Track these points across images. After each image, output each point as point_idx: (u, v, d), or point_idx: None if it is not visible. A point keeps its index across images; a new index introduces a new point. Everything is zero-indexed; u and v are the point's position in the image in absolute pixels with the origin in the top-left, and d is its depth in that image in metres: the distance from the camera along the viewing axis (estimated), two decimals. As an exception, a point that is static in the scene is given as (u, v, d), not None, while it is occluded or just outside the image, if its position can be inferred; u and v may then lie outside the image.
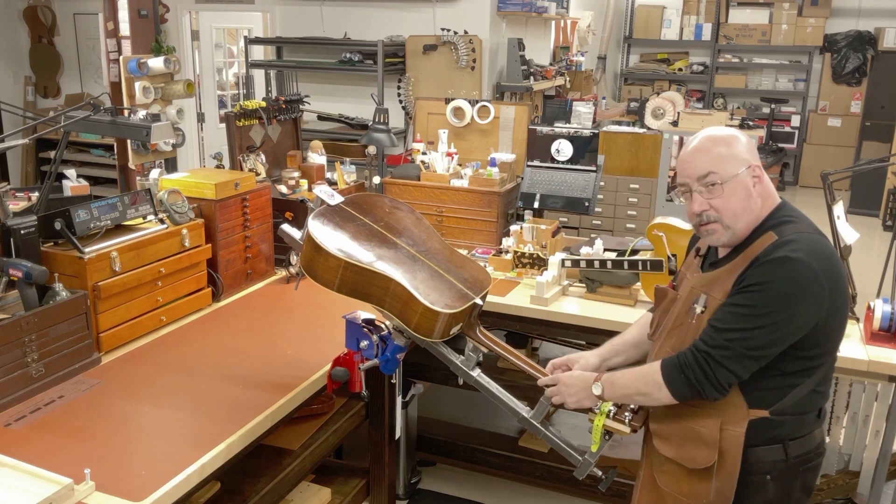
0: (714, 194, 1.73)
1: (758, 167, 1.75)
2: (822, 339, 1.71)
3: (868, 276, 4.10)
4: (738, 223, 1.73)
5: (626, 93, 10.06)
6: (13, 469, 1.71)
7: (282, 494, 2.45)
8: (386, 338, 2.13)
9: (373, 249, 2.04)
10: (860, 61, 9.44)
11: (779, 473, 1.77)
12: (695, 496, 1.80)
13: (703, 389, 1.70)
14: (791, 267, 1.63)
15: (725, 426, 1.75)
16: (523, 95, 5.67)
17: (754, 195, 1.73)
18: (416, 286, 1.95)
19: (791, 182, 9.91)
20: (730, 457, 1.74)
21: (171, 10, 6.01)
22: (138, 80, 3.88)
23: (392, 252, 2.07)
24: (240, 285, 2.97)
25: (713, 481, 1.76)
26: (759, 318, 1.64)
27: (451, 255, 2.18)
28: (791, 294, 1.63)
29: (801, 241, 1.66)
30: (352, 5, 5.69)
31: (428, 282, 2.01)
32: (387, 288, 1.97)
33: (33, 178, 7.03)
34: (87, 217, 2.39)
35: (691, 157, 1.77)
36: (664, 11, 10.20)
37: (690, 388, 1.71)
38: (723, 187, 1.71)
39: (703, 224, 1.77)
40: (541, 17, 6.06)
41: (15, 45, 7.06)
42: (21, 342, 2.05)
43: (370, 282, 1.98)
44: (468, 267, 2.16)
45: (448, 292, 2.01)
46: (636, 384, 1.81)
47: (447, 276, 2.08)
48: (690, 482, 1.81)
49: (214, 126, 6.52)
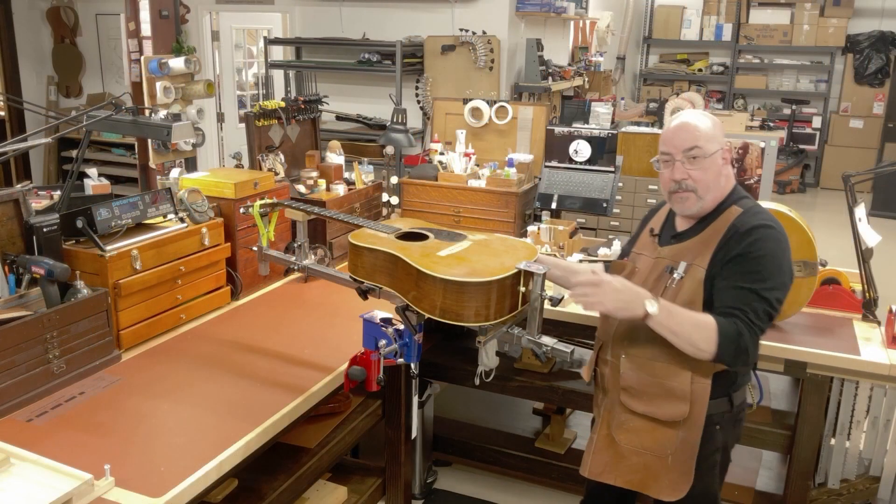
0: (695, 166, 1.94)
1: (727, 151, 1.98)
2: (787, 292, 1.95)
3: (890, 279, 4.05)
4: (708, 195, 1.96)
5: (646, 93, 10.00)
6: (34, 464, 1.73)
7: (298, 492, 2.46)
8: (403, 332, 2.14)
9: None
10: (883, 62, 9.33)
11: (725, 423, 2.03)
12: (659, 448, 1.99)
13: (749, 354, 1.85)
14: (773, 234, 1.90)
15: (695, 380, 1.94)
16: (541, 96, 5.65)
17: (722, 174, 1.97)
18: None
19: (812, 184, 9.81)
20: (697, 406, 1.95)
21: (192, 10, 6.05)
22: (159, 80, 3.92)
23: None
24: (258, 284, 2.99)
25: (679, 430, 1.97)
26: (773, 278, 1.87)
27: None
28: (786, 255, 1.91)
29: (763, 212, 1.96)
30: (370, 6, 5.70)
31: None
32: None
33: (55, 177, 7.12)
34: (108, 215, 2.42)
35: (679, 131, 1.97)
36: (684, 11, 10.13)
37: (737, 354, 1.85)
38: (703, 161, 1.93)
39: (679, 191, 1.97)
40: (559, 17, 6.04)
41: (38, 45, 7.15)
42: (43, 339, 2.08)
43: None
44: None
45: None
46: (691, 329, 1.86)
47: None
48: (655, 435, 1.99)
49: (234, 126, 6.56)
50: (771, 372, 2.76)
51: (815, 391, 2.59)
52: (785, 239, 1.92)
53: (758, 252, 1.87)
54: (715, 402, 1.97)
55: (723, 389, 1.99)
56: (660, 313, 1.85)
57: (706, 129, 1.94)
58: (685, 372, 1.94)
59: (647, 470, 2.01)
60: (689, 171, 1.94)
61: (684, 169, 1.95)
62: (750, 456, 3.24)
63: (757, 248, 1.87)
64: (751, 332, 1.84)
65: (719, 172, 1.96)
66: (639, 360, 2.01)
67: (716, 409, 1.98)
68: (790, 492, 2.71)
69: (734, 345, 1.83)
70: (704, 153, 1.93)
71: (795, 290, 2.63)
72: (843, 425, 2.62)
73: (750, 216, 1.93)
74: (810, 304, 2.76)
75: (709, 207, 1.98)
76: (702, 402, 1.95)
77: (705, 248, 1.94)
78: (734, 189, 2.01)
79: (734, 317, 1.85)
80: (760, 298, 1.85)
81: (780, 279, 1.88)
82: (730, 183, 2.01)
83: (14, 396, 2.01)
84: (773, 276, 1.87)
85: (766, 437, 2.75)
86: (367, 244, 2.08)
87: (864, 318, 2.79)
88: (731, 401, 2.01)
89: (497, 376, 2.21)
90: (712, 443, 2.01)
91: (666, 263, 2.00)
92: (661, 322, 1.86)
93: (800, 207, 7.02)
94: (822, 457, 2.68)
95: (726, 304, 1.88)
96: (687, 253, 1.97)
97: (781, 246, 1.90)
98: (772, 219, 1.94)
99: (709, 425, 1.98)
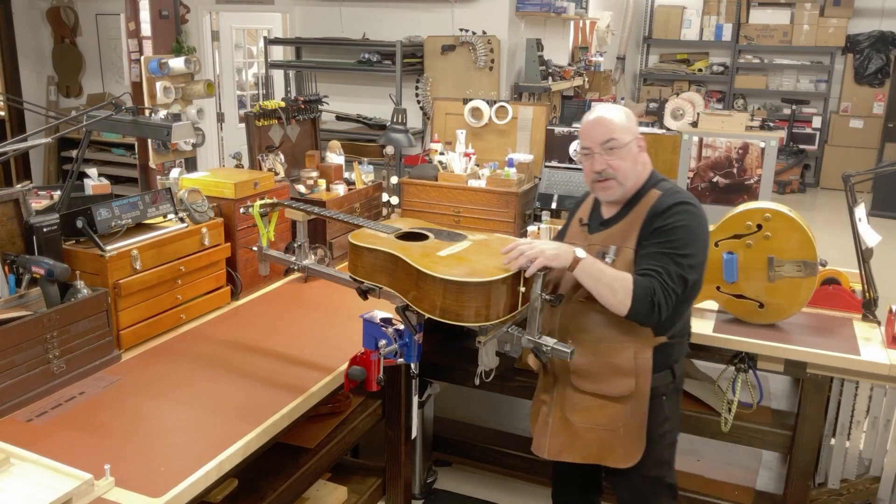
0: (613, 156, 2.10)
1: (641, 139, 2.14)
2: (705, 266, 2.11)
3: (890, 279, 4.05)
4: (628, 181, 2.12)
5: (646, 93, 10.00)
6: (34, 464, 1.72)
7: (298, 492, 2.46)
8: (403, 332, 2.14)
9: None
10: (883, 62, 9.32)
11: (670, 393, 2.18)
12: (611, 423, 2.13)
13: (661, 312, 1.99)
14: (692, 209, 2.06)
15: (638, 355, 2.10)
16: (541, 96, 5.65)
17: (638, 161, 2.14)
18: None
19: (812, 184, 9.81)
20: (642, 379, 2.11)
21: (192, 10, 6.05)
22: (159, 80, 3.92)
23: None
24: (258, 284, 2.99)
25: (628, 404, 2.12)
26: (690, 246, 2.03)
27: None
28: (703, 227, 2.07)
29: (681, 192, 2.12)
30: (370, 6, 5.70)
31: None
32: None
33: (55, 177, 7.12)
34: (108, 215, 2.42)
35: (595, 125, 2.13)
36: (684, 12, 10.13)
37: (650, 311, 1.99)
38: (619, 151, 2.10)
39: (601, 181, 2.13)
40: (559, 17, 6.04)
41: (38, 45, 7.15)
42: (43, 339, 2.08)
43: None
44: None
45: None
46: (611, 279, 2.01)
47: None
48: (605, 411, 2.13)
49: (234, 126, 6.56)
50: (771, 372, 2.76)
51: (815, 391, 2.59)
52: (702, 215, 2.09)
53: (674, 224, 2.04)
54: (659, 374, 2.13)
55: (664, 363, 2.15)
56: (586, 259, 2.00)
57: (620, 121, 2.11)
58: (628, 349, 2.10)
59: (602, 444, 2.16)
60: (609, 161, 2.11)
61: (603, 160, 2.11)
62: (750, 456, 3.24)
63: (673, 221, 2.04)
64: (664, 290, 1.99)
65: (635, 160, 2.13)
66: (585, 344, 2.12)
67: (660, 381, 2.14)
68: (790, 492, 2.71)
69: (648, 299, 1.98)
70: (620, 143, 2.10)
71: (795, 289, 2.64)
72: (843, 425, 2.62)
73: (668, 196, 2.09)
74: (810, 304, 2.77)
75: (630, 193, 2.14)
76: (646, 375, 2.11)
77: (631, 230, 2.10)
78: (652, 174, 2.18)
79: (650, 276, 2.00)
80: (675, 262, 2.01)
81: (694, 248, 2.04)
82: (647, 169, 2.17)
83: (14, 396, 2.01)
84: (688, 244, 2.03)
85: (766, 437, 2.76)
86: (367, 244, 2.08)
87: (864, 318, 2.79)
88: (673, 372, 2.17)
89: (497, 376, 2.21)
90: (661, 413, 2.17)
91: (597, 249, 2.13)
92: (586, 269, 1.99)
93: (800, 207, 7.01)
94: (822, 457, 2.68)
95: (643, 267, 2.04)
96: (615, 237, 2.13)
97: (698, 220, 2.07)
98: (690, 197, 2.11)
99: (655, 397, 2.14)
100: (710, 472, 3.16)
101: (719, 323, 2.73)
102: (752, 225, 2.65)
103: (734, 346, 2.65)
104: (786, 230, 2.61)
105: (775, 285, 2.65)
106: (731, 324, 2.73)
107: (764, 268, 2.65)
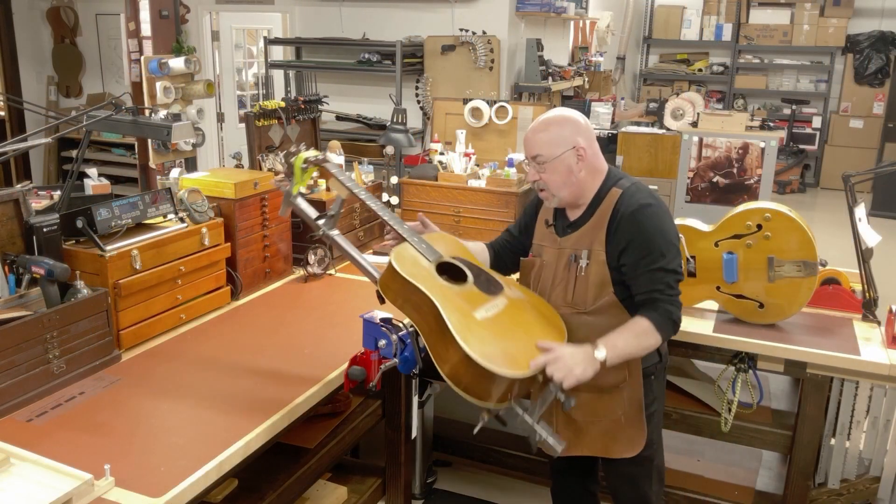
0: (542, 170, 2.14)
1: (583, 148, 2.11)
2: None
3: (890, 279, 4.05)
4: (562, 192, 2.14)
5: (646, 93, 10.00)
6: (34, 464, 1.73)
7: (298, 492, 2.46)
8: (405, 338, 2.13)
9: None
10: (883, 62, 9.33)
11: (657, 373, 2.24)
12: (611, 412, 2.18)
13: (678, 322, 2.07)
14: (654, 210, 2.08)
15: None
16: (541, 96, 5.66)
17: (576, 171, 2.12)
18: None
19: (812, 184, 9.82)
20: (635, 367, 2.15)
21: (192, 10, 6.05)
22: (159, 80, 3.92)
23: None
24: (258, 284, 2.99)
25: (624, 391, 2.16)
26: (667, 251, 2.05)
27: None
28: (668, 226, 2.10)
29: (640, 190, 2.13)
30: (370, 6, 5.70)
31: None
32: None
33: (55, 177, 7.12)
34: (108, 215, 2.42)
35: (527, 139, 2.17)
36: (684, 12, 10.13)
37: (674, 327, 2.07)
38: (545, 166, 2.12)
39: (540, 190, 2.20)
40: (559, 17, 6.04)
41: (38, 45, 7.15)
42: (43, 339, 2.08)
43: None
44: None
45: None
46: (636, 342, 2.05)
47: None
48: (603, 401, 2.17)
49: (234, 126, 6.56)
50: (771, 372, 2.76)
51: (815, 391, 2.59)
52: (664, 209, 2.12)
53: (648, 233, 2.06)
54: (647, 356, 2.16)
55: None
56: (608, 354, 1.99)
57: (546, 137, 2.12)
58: None
59: (607, 434, 2.21)
60: (539, 174, 2.15)
61: (535, 172, 2.16)
62: (750, 456, 3.24)
63: (645, 229, 2.06)
64: (672, 304, 2.06)
65: (570, 171, 2.12)
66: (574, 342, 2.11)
67: (648, 362, 2.19)
68: (790, 492, 2.71)
69: (670, 324, 2.05)
70: (546, 159, 2.12)
71: (795, 289, 2.64)
72: (843, 425, 2.62)
73: (629, 196, 2.10)
74: (810, 304, 2.77)
75: (567, 200, 2.17)
76: (636, 361, 2.15)
77: (598, 231, 2.12)
78: (609, 173, 2.18)
79: (655, 300, 2.05)
80: (667, 272, 2.05)
81: (671, 246, 2.08)
82: (597, 175, 2.17)
83: (14, 396, 2.01)
84: (667, 247, 2.06)
85: (766, 437, 2.76)
86: (409, 275, 1.96)
87: (864, 318, 2.79)
88: (659, 352, 2.22)
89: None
90: (651, 394, 2.22)
91: (569, 253, 2.17)
92: (614, 359, 2.00)
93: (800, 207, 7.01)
94: (822, 457, 2.69)
95: (643, 290, 2.07)
96: (584, 239, 2.15)
97: (663, 218, 2.10)
98: (649, 195, 2.13)
99: (645, 377, 2.19)
100: (710, 472, 3.16)
101: (719, 323, 2.73)
102: (752, 225, 2.65)
103: (734, 346, 2.65)
104: (786, 230, 2.61)
105: (775, 285, 2.65)
106: (731, 324, 2.73)
107: (764, 268, 2.65)
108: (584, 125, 2.16)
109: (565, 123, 2.14)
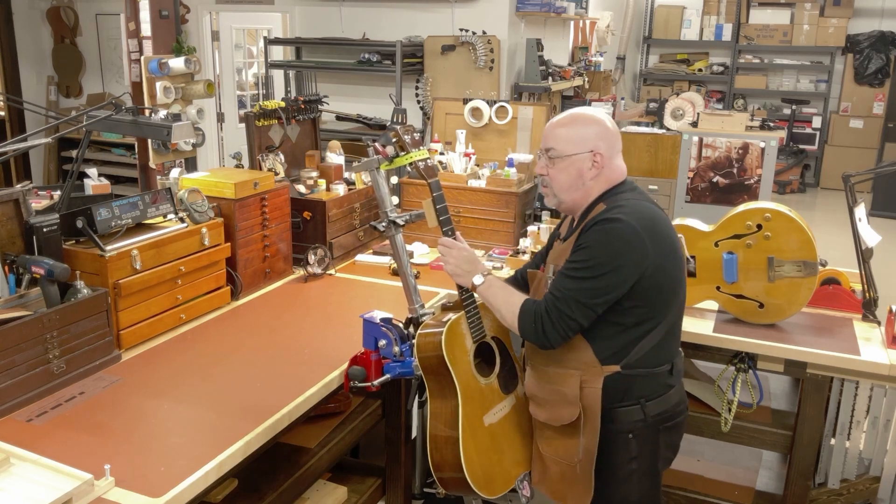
0: (551, 164, 2.01)
1: (601, 155, 1.96)
2: (652, 292, 1.91)
3: (890, 279, 4.05)
4: (563, 195, 2.01)
5: (646, 93, 10.01)
6: (34, 464, 1.73)
7: (298, 492, 2.46)
8: (405, 352, 2.18)
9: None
10: (883, 62, 9.33)
11: (640, 432, 1.99)
12: (568, 456, 2.01)
13: (547, 335, 1.91)
14: (612, 227, 1.86)
15: (585, 385, 1.95)
16: (541, 96, 5.65)
17: (586, 177, 1.98)
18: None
19: (812, 184, 9.82)
20: (591, 413, 1.95)
21: (192, 10, 6.05)
22: (159, 80, 3.92)
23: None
24: (258, 284, 2.99)
25: (581, 438, 1.97)
26: (590, 269, 1.87)
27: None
28: (615, 248, 1.85)
29: (627, 207, 1.91)
30: (370, 6, 5.70)
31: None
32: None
33: (55, 177, 7.12)
34: (108, 215, 2.42)
35: (546, 130, 2.04)
36: (684, 12, 10.13)
37: (536, 334, 1.93)
38: (555, 162, 1.99)
39: (543, 186, 2.07)
40: (559, 17, 6.04)
41: (38, 45, 7.15)
42: (43, 339, 2.08)
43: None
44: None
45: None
46: (502, 304, 2.01)
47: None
48: (563, 441, 2.02)
49: (234, 126, 6.56)
50: (771, 372, 2.76)
51: (815, 391, 2.59)
52: (630, 233, 1.86)
53: (586, 243, 1.89)
54: (624, 410, 1.97)
55: (625, 396, 1.97)
56: (481, 286, 2.02)
57: (566, 133, 1.98)
58: (574, 377, 1.97)
59: (564, 479, 2.05)
60: (547, 169, 2.02)
61: (544, 165, 2.03)
62: (750, 456, 3.24)
63: (587, 239, 1.89)
64: (549, 314, 1.90)
65: (579, 175, 1.98)
66: (538, 368, 2.09)
67: (626, 416, 1.97)
68: (790, 492, 2.71)
69: (531, 323, 1.93)
70: (557, 154, 1.98)
71: (795, 289, 2.64)
72: (843, 425, 2.62)
73: (605, 212, 1.92)
74: (810, 304, 2.77)
75: (568, 205, 2.05)
76: (595, 407, 1.95)
77: (571, 246, 1.99)
78: (618, 185, 2.00)
79: (545, 298, 1.93)
80: (572, 285, 1.88)
81: (600, 270, 1.85)
82: (598, 186, 1.99)
83: (14, 396, 2.01)
84: (592, 268, 1.86)
85: (766, 437, 2.76)
86: (449, 360, 2.05)
87: (864, 318, 2.79)
88: (643, 410, 1.97)
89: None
90: (626, 451, 2.00)
91: (552, 267, 2.08)
92: (482, 294, 2.03)
93: (800, 207, 7.00)
94: (822, 457, 2.69)
95: (550, 287, 1.97)
96: (561, 255, 2.02)
97: (622, 239, 1.86)
98: (627, 213, 1.88)
99: (620, 433, 1.98)
100: (710, 472, 3.16)
101: (719, 323, 2.74)
102: (752, 225, 2.65)
103: (734, 346, 2.65)
104: (786, 230, 2.61)
105: (775, 285, 2.65)
106: (731, 324, 2.73)
107: (764, 268, 2.65)
108: (611, 131, 2.00)
109: (591, 124, 1.99)
